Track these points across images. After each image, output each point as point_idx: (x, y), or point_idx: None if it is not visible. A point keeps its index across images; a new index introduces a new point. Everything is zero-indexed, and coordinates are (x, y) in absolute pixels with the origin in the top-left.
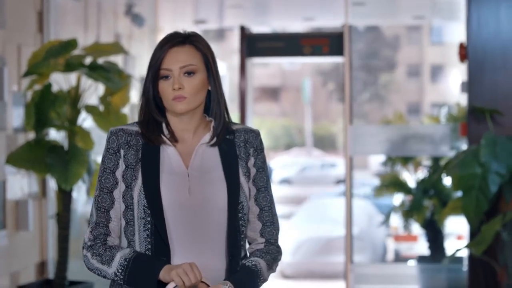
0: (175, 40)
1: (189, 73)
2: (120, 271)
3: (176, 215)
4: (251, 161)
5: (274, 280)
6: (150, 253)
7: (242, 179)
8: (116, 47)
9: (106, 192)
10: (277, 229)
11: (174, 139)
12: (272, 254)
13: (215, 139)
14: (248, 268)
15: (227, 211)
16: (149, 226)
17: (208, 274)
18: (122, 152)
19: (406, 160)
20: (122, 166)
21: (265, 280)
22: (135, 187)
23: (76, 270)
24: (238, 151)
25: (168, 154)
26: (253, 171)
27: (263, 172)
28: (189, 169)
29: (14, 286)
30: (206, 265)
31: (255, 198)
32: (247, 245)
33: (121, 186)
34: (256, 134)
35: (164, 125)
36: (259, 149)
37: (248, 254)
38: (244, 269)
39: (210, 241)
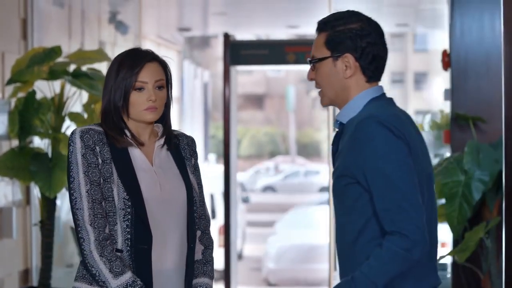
0: (149, 56)
1: (160, 88)
2: None
3: (153, 207)
4: (192, 161)
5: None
6: (129, 242)
7: (191, 177)
8: (100, 55)
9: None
10: (208, 222)
11: (138, 142)
12: (210, 260)
13: (164, 142)
14: None
15: (187, 205)
16: (129, 217)
17: (176, 262)
18: (97, 148)
19: None
20: (99, 161)
21: None
22: (113, 181)
23: (60, 278)
24: (184, 153)
25: (134, 153)
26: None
27: (198, 172)
28: (154, 167)
29: None
30: (175, 253)
31: None
32: None
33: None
34: (193, 139)
35: (125, 129)
36: (196, 152)
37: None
38: None
39: (177, 231)
